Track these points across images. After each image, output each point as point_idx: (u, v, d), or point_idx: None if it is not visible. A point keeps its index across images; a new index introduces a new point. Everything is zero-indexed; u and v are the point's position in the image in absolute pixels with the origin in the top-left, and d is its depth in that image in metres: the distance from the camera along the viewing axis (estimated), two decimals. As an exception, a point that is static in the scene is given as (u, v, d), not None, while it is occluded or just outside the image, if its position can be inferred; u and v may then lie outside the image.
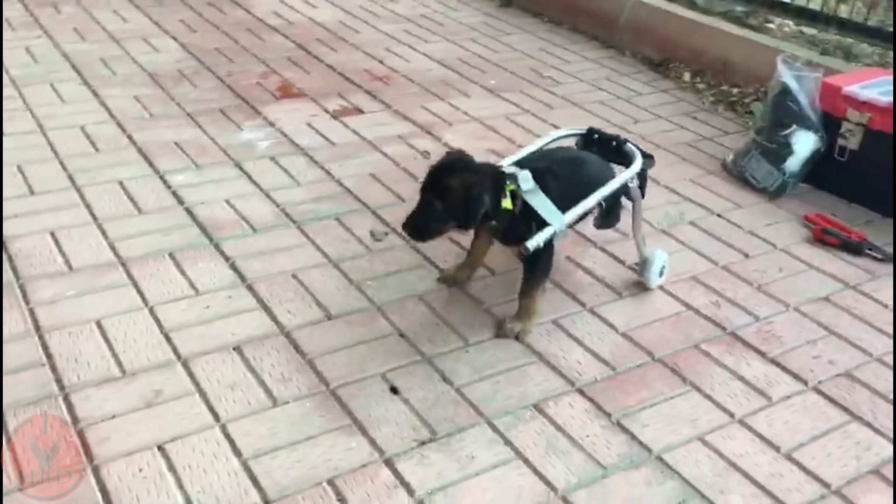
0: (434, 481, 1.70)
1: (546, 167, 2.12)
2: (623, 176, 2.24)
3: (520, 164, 2.14)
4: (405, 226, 2.04)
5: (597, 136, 2.34)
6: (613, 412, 1.92)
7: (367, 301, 2.24)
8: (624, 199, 2.34)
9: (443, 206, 1.98)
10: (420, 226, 2.03)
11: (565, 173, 2.15)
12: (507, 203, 2.03)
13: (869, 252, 2.61)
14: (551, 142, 2.38)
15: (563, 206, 2.08)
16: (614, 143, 2.31)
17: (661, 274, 2.39)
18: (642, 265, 2.37)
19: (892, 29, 3.82)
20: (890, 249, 2.63)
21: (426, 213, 2.01)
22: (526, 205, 2.05)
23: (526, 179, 2.05)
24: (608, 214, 2.32)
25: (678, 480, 1.76)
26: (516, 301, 2.20)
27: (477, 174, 2.01)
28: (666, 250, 2.42)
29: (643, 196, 2.32)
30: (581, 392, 1.98)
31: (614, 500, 1.70)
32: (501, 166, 2.12)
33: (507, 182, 2.03)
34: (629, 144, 2.31)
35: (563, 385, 2.00)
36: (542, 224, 2.05)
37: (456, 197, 1.98)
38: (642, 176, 2.29)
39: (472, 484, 1.71)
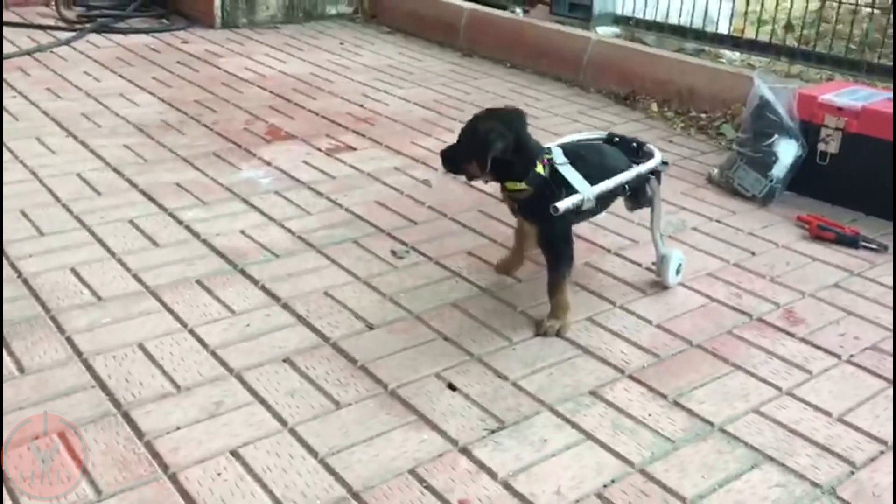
0: (513, 464, 1.71)
1: (575, 151, 2.27)
2: (646, 165, 2.35)
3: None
4: (442, 152, 2.23)
5: (617, 139, 2.45)
6: (668, 393, 1.97)
7: (404, 311, 2.26)
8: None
9: (467, 147, 2.13)
10: (449, 156, 2.21)
11: (592, 158, 2.29)
12: (540, 168, 2.14)
13: (864, 244, 2.75)
14: (575, 141, 2.50)
15: (591, 183, 2.19)
16: (634, 144, 2.42)
17: (678, 272, 2.46)
18: (659, 263, 2.45)
19: (837, 54, 4.09)
20: (883, 240, 2.77)
21: (456, 147, 2.19)
22: (557, 175, 2.16)
23: (559, 153, 2.20)
24: (636, 197, 2.45)
25: (746, 448, 1.80)
26: (548, 303, 2.26)
27: (506, 126, 2.12)
28: (682, 251, 2.51)
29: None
30: (633, 378, 2.02)
31: (690, 468, 1.73)
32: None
33: (545, 152, 2.17)
34: (648, 145, 2.42)
35: (614, 373, 2.04)
36: (571, 192, 2.15)
37: (478, 141, 2.10)
38: (657, 178, 2.40)
39: (551, 463, 1.72)
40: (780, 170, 3.08)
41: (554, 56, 4.67)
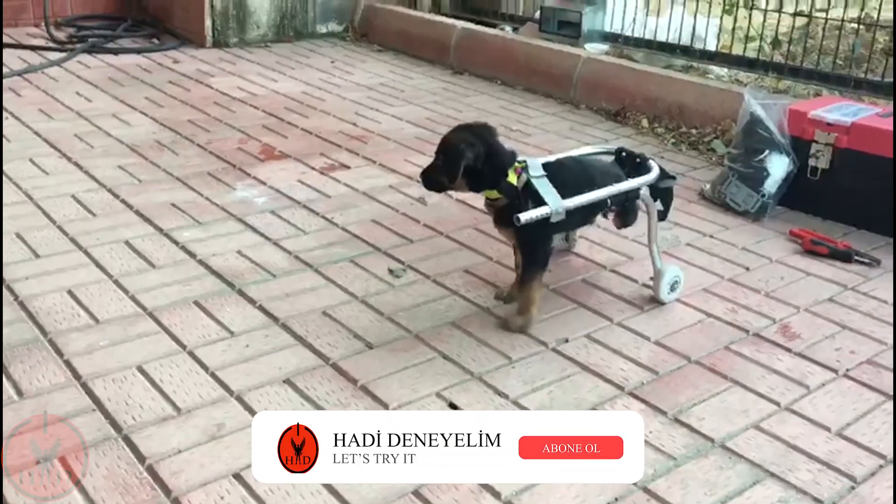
0: (516, 483, 1.71)
1: (558, 164, 2.32)
2: (632, 181, 2.37)
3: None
4: (421, 175, 2.29)
5: (624, 153, 2.48)
6: (668, 409, 1.98)
7: (403, 330, 2.26)
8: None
9: (442, 160, 2.19)
10: (427, 175, 2.27)
11: (574, 171, 2.33)
12: (512, 178, 2.19)
13: (857, 259, 2.77)
14: (581, 155, 2.53)
15: (566, 196, 2.22)
16: (638, 160, 2.44)
17: (673, 288, 2.48)
18: (655, 278, 2.46)
19: (825, 70, 4.14)
20: (875, 254, 2.79)
21: (433, 165, 2.25)
22: (529, 187, 2.19)
23: (536, 167, 2.22)
24: (625, 215, 2.50)
25: (746, 463, 1.81)
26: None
27: (475, 137, 2.20)
28: (679, 267, 2.52)
29: (665, 217, 2.47)
30: (632, 395, 2.03)
31: (693, 485, 1.74)
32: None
33: (518, 162, 2.21)
34: (650, 161, 2.45)
35: (613, 390, 2.05)
36: (541, 205, 2.18)
37: (449, 152, 2.18)
38: (666, 195, 2.44)
39: (555, 484, 1.72)
40: (771, 185, 3.10)
41: (544, 73, 4.70)
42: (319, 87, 4.61)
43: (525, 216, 2.13)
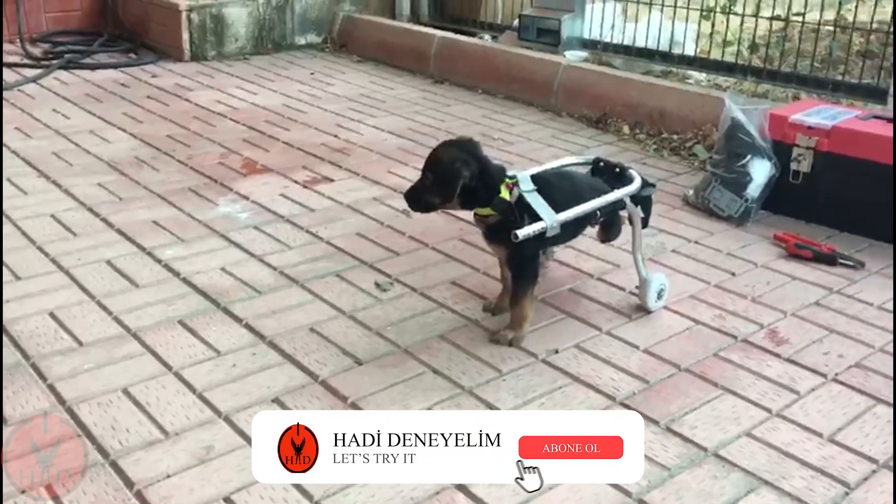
0: (511, 498, 1.70)
1: (545, 178, 2.29)
2: (617, 192, 2.36)
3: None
4: (405, 195, 2.22)
5: (602, 163, 2.47)
6: (660, 419, 1.97)
7: (392, 345, 2.24)
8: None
9: (432, 179, 2.14)
10: (414, 196, 2.20)
11: (562, 185, 2.31)
12: (505, 193, 2.16)
13: (842, 262, 2.78)
14: (559, 167, 2.51)
15: (557, 210, 2.21)
16: (617, 170, 2.44)
17: (659, 296, 2.47)
18: (641, 287, 2.46)
19: (802, 73, 4.17)
20: (858, 257, 2.80)
21: (420, 185, 2.19)
22: (522, 201, 2.17)
23: (526, 181, 2.21)
24: (609, 228, 2.50)
25: (740, 472, 1.81)
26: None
27: (466, 153, 2.16)
28: (664, 274, 2.52)
29: (647, 224, 2.46)
30: (624, 405, 2.03)
31: (688, 495, 1.73)
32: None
33: (508, 178, 2.19)
34: (630, 171, 2.44)
35: (605, 400, 2.04)
36: (536, 220, 2.16)
37: (442, 170, 2.13)
38: (646, 203, 2.43)
39: (549, 496, 1.71)
40: (754, 189, 3.12)
41: (525, 81, 4.70)
42: (299, 100, 4.59)
43: (522, 232, 2.11)
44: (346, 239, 2.88)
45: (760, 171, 3.12)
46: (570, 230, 2.31)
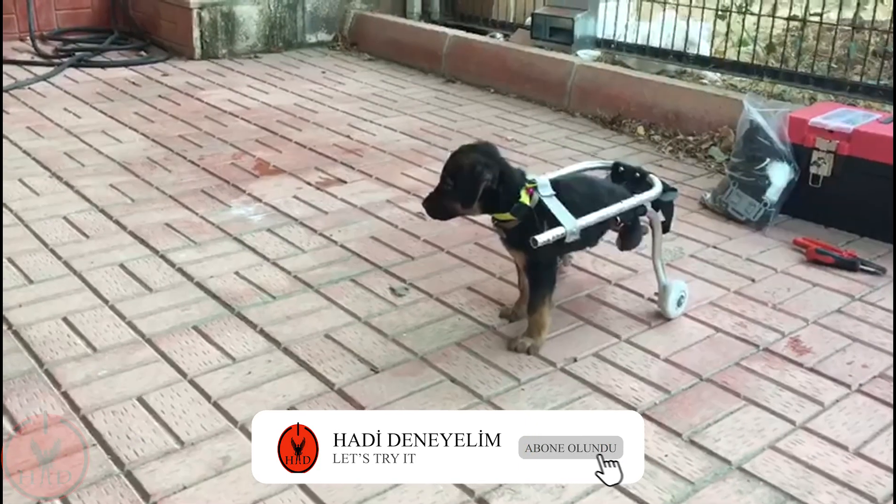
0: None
1: (564, 182, 2.25)
2: (638, 197, 2.32)
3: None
4: (424, 204, 2.18)
5: (621, 168, 2.43)
6: (683, 431, 1.94)
7: (408, 353, 2.21)
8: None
9: (453, 185, 2.10)
10: (434, 204, 2.17)
11: (581, 190, 2.27)
12: (525, 198, 2.12)
13: (863, 267, 2.74)
14: (578, 171, 2.48)
15: (576, 216, 2.17)
16: (637, 174, 2.40)
17: (679, 303, 2.44)
18: (661, 293, 2.43)
19: (820, 73, 4.12)
20: (880, 263, 2.77)
21: (440, 191, 2.14)
22: (542, 207, 2.14)
23: (545, 186, 2.17)
24: (628, 236, 2.44)
25: (766, 487, 1.77)
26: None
27: (488, 158, 2.12)
28: (684, 281, 2.49)
29: (668, 229, 2.42)
30: (645, 416, 1.99)
31: (713, 511, 1.70)
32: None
33: (528, 181, 2.15)
34: (650, 176, 2.40)
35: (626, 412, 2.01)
36: (555, 225, 2.13)
37: (464, 175, 2.09)
38: (668, 208, 2.39)
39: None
40: (773, 193, 3.08)
41: (538, 81, 4.66)
42: (311, 99, 4.56)
43: (542, 238, 2.07)
44: (361, 242, 2.85)
45: (779, 174, 3.08)
46: (590, 236, 2.28)
